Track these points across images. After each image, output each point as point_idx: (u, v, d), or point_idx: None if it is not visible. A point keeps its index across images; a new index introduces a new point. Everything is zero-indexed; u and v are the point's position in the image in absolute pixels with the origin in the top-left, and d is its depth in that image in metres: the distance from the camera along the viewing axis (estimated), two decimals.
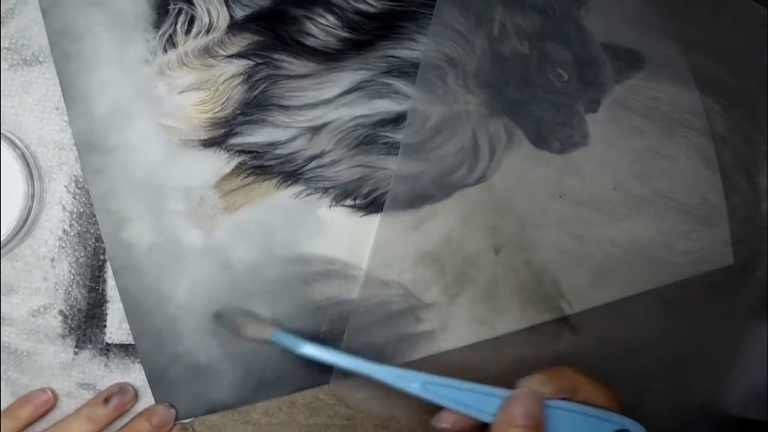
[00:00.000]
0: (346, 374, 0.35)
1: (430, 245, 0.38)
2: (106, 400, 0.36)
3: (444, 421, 0.33)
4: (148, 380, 0.37)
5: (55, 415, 0.37)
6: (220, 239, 0.37)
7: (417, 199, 0.38)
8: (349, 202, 0.38)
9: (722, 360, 0.44)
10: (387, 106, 0.38)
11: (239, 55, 0.37)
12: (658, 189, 0.41)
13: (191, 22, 0.37)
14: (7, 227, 0.35)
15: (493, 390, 0.32)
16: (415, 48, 0.39)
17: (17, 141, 0.36)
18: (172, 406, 0.37)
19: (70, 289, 0.37)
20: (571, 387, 0.33)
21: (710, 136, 0.42)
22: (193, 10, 0.37)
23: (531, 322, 0.40)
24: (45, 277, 0.37)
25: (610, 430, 0.33)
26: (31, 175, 0.36)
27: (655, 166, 0.41)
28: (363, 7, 0.39)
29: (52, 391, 0.37)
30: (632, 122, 0.41)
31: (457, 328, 0.39)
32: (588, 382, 0.33)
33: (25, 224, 0.36)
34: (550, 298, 0.40)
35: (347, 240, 0.38)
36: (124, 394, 0.37)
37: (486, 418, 0.32)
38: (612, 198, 0.40)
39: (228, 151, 0.37)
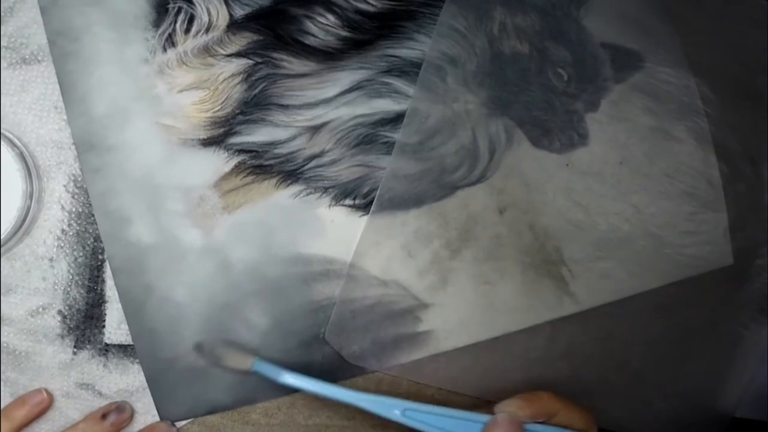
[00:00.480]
0: None
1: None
2: (104, 417, 0.37)
3: None
4: (147, 381, 0.37)
5: (53, 415, 0.37)
6: (220, 239, 0.37)
7: (415, 198, 0.38)
8: (348, 201, 0.38)
9: (722, 360, 0.44)
10: (387, 105, 0.38)
11: (239, 54, 0.37)
12: (664, 170, 0.41)
13: (191, 21, 0.37)
14: (6, 227, 0.35)
15: (474, 416, 0.33)
16: (415, 47, 0.39)
17: (16, 140, 0.36)
18: (173, 425, 0.37)
19: (68, 289, 0.37)
20: (549, 411, 0.33)
21: (712, 132, 0.42)
22: (192, 9, 0.37)
23: (531, 285, 0.40)
24: (43, 277, 0.37)
25: None
26: (30, 174, 0.36)
27: (658, 163, 0.41)
28: (363, 6, 0.38)
29: (47, 392, 0.37)
30: (633, 121, 0.41)
31: (459, 286, 0.39)
32: (565, 406, 0.34)
33: (24, 224, 0.36)
34: (552, 263, 0.40)
35: (347, 240, 0.38)
36: (122, 412, 0.37)
37: None
38: (618, 172, 0.40)
39: (227, 150, 0.37)
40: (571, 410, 0.34)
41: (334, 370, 0.38)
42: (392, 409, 0.32)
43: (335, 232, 0.38)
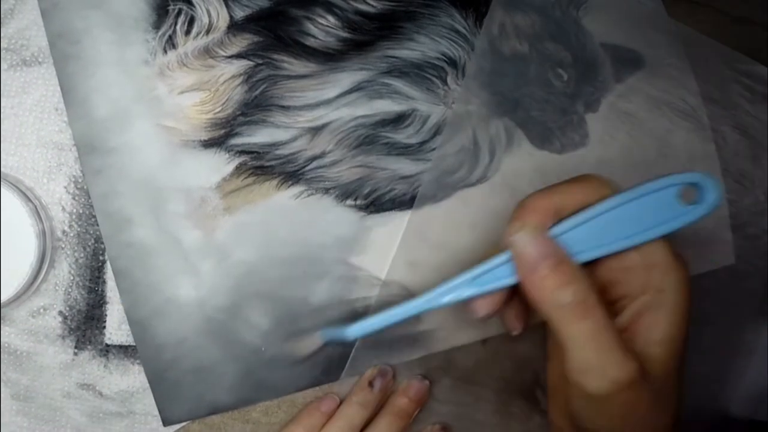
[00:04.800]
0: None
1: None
2: (370, 384, 0.38)
3: (481, 309, 0.31)
4: (149, 382, 0.37)
5: (54, 416, 0.37)
6: (221, 240, 0.37)
7: (417, 199, 0.38)
8: (349, 202, 0.38)
9: (722, 360, 0.44)
10: (387, 106, 0.38)
11: (239, 56, 0.37)
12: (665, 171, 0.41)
13: (191, 22, 0.37)
14: (17, 284, 0.35)
15: (499, 258, 0.30)
16: (415, 48, 0.39)
17: (29, 193, 0.36)
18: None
19: (69, 290, 0.37)
20: (553, 210, 0.29)
21: (713, 130, 0.42)
22: (192, 10, 0.37)
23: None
24: (44, 277, 0.37)
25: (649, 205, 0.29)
26: (44, 233, 0.36)
27: (658, 164, 0.41)
28: (363, 7, 0.39)
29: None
30: (634, 122, 0.41)
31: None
32: (568, 185, 0.30)
33: (34, 282, 0.36)
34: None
35: (349, 240, 0.38)
36: (385, 375, 0.38)
37: (513, 281, 0.30)
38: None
39: (228, 151, 0.37)
40: (575, 186, 0.30)
41: (335, 370, 0.38)
42: (441, 297, 0.31)
43: (337, 233, 0.38)
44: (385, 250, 0.38)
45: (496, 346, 0.40)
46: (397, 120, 0.38)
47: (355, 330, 0.33)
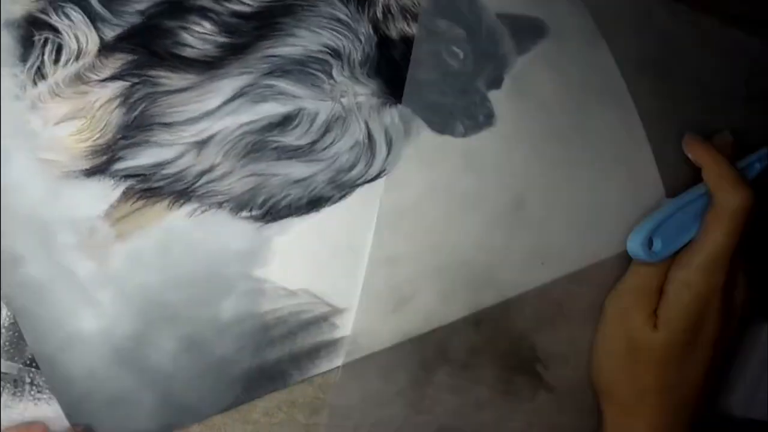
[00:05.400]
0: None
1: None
2: None
3: None
4: (66, 416, 0.36)
5: None
6: (117, 268, 0.36)
7: (314, 202, 0.37)
8: (245, 214, 0.37)
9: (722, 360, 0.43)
10: (272, 108, 0.37)
11: (113, 78, 0.36)
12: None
13: (59, 50, 0.36)
14: None
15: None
16: (296, 43, 0.37)
17: None
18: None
19: None
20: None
21: (635, 109, 0.40)
22: (59, 37, 0.36)
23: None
24: None
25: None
26: None
27: (574, 140, 0.39)
28: (238, 7, 0.37)
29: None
30: (541, 96, 0.39)
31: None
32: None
33: None
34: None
35: (249, 253, 0.37)
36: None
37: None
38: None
39: (113, 177, 0.36)
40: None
41: (255, 386, 0.37)
42: None
43: (236, 248, 0.37)
44: (288, 258, 0.37)
45: (489, 326, 0.39)
46: (284, 122, 0.37)
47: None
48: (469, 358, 0.39)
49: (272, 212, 0.37)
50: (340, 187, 0.37)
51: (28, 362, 0.37)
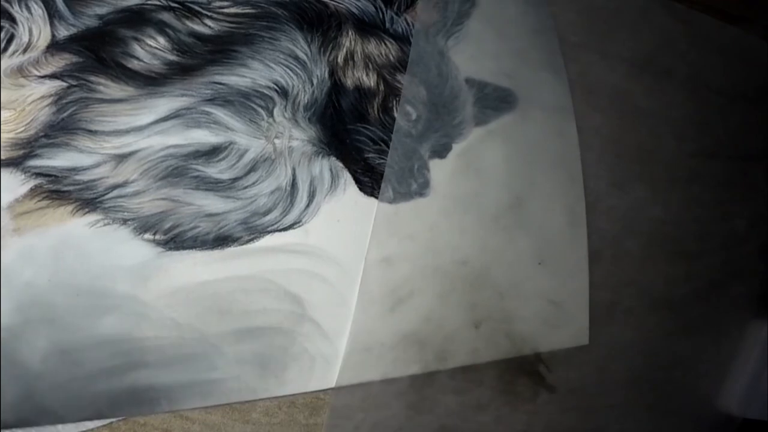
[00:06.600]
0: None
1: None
2: None
3: None
4: None
5: None
6: (7, 261, 0.34)
7: (221, 239, 0.34)
8: (148, 236, 0.35)
9: (722, 360, 0.43)
10: (204, 137, 0.35)
11: (53, 76, 0.35)
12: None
13: (10, 40, 0.36)
14: None
15: None
16: (246, 75, 0.35)
17: None
18: None
19: None
20: None
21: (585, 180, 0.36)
22: (14, 28, 0.36)
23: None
24: None
25: None
26: None
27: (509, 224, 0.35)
28: (199, 28, 0.36)
29: None
30: (489, 171, 0.35)
31: None
32: None
33: None
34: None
35: (143, 276, 0.34)
36: None
37: None
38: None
39: (25, 172, 0.35)
40: None
41: (121, 406, 0.34)
42: None
43: (131, 267, 0.34)
44: (180, 290, 0.34)
45: (490, 328, 0.38)
46: (212, 152, 0.35)
47: None
48: (471, 360, 0.37)
49: (176, 240, 0.34)
50: (251, 230, 0.34)
51: None
